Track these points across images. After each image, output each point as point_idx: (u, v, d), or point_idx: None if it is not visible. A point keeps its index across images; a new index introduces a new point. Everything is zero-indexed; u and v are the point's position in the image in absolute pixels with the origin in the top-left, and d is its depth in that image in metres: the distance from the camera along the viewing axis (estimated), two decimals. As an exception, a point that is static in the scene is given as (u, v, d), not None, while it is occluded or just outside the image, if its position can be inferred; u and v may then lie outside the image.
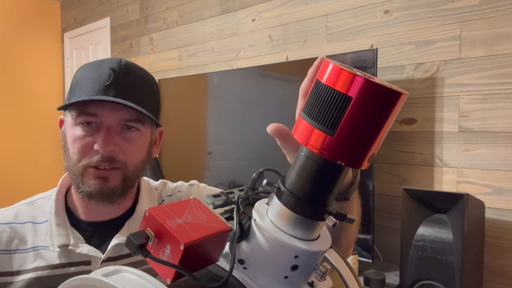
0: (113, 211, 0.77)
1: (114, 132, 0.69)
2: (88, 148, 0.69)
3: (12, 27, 3.61)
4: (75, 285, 0.30)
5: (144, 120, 0.73)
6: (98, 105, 0.68)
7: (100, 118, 0.69)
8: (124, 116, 0.70)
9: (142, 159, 0.74)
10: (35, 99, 3.77)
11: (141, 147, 0.74)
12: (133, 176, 0.73)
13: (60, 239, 0.71)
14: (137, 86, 0.72)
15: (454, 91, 1.54)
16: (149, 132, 0.76)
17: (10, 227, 0.73)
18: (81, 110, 0.69)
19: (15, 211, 0.76)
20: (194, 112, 2.37)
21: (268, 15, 2.16)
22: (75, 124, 0.70)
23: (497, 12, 1.44)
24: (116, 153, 0.69)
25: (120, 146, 0.70)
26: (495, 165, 1.45)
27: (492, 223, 1.46)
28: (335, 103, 0.29)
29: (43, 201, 0.77)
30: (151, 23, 2.91)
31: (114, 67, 0.70)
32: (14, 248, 0.71)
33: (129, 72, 0.71)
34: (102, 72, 0.69)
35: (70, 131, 0.71)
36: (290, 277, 0.34)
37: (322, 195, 0.33)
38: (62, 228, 0.72)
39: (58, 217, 0.73)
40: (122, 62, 0.71)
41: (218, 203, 0.37)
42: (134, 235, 0.30)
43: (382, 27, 1.72)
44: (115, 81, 0.68)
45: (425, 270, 1.26)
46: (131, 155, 0.71)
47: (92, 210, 0.75)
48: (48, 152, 3.86)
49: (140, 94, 0.71)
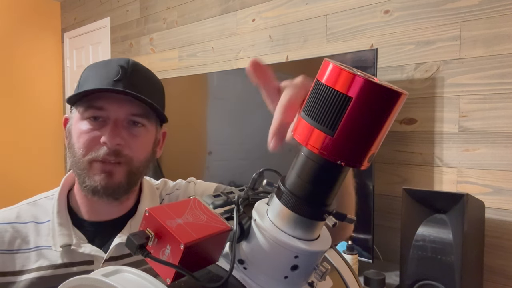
0: (116, 211, 0.77)
1: (120, 126, 0.70)
2: (94, 141, 0.69)
3: (12, 27, 3.61)
4: (75, 285, 0.30)
5: (150, 116, 0.73)
6: (106, 99, 0.69)
7: (107, 112, 0.69)
8: (131, 110, 0.70)
9: (146, 156, 0.75)
10: (35, 99, 3.77)
11: (146, 143, 0.74)
12: (137, 172, 0.73)
13: (63, 239, 0.71)
14: (145, 83, 0.73)
15: (454, 91, 1.54)
16: (154, 130, 0.76)
17: (12, 226, 0.73)
18: (89, 104, 0.69)
19: (17, 211, 0.76)
20: (194, 112, 2.37)
21: (268, 15, 2.16)
22: (81, 118, 0.71)
23: (497, 12, 1.44)
24: (122, 146, 0.69)
25: (126, 141, 0.70)
26: (495, 165, 1.45)
27: (492, 223, 1.46)
28: (335, 103, 0.29)
29: (45, 201, 0.77)
30: (151, 23, 2.91)
31: (123, 64, 0.71)
32: (16, 248, 0.72)
33: (137, 70, 0.72)
34: (111, 69, 0.70)
35: (76, 126, 0.71)
36: (290, 277, 0.34)
37: (322, 195, 0.33)
38: (65, 227, 0.72)
39: (61, 216, 0.73)
40: (130, 61, 0.73)
41: (218, 203, 0.37)
42: (134, 235, 0.30)
43: (382, 27, 1.72)
44: (123, 77, 0.69)
45: (425, 270, 1.26)
46: (136, 151, 0.72)
47: (94, 209, 0.75)
48: (48, 152, 3.86)
49: (147, 91, 0.72)
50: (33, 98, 3.75)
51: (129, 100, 0.70)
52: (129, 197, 0.77)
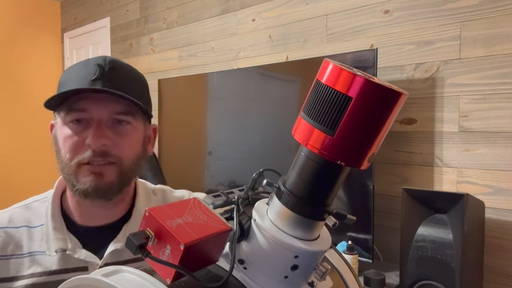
0: (110, 215, 0.75)
1: (104, 126, 0.68)
2: (79, 145, 0.67)
3: (12, 27, 3.61)
4: (75, 285, 0.30)
5: (135, 113, 0.71)
6: (86, 100, 0.67)
7: (89, 113, 0.67)
8: (113, 109, 0.68)
9: (137, 154, 0.72)
10: (35, 99, 3.77)
11: (134, 141, 0.72)
12: (129, 171, 0.71)
13: (57, 244, 0.69)
14: (124, 79, 0.70)
15: (454, 91, 1.54)
16: (141, 126, 0.74)
17: (4, 231, 0.71)
18: (70, 107, 0.67)
19: (9, 215, 0.74)
20: (194, 112, 2.37)
21: (268, 15, 2.16)
22: (64, 123, 0.68)
23: (497, 12, 1.44)
24: (109, 147, 0.67)
25: (113, 140, 0.68)
26: (495, 165, 1.45)
27: (492, 223, 1.46)
28: (335, 103, 0.29)
29: (38, 204, 0.75)
30: (151, 23, 2.91)
31: (100, 62, 0.68)
32: (9, 254, 0.70)
33: (115, 67, 0.70)
34: (88, 69, 0.68)
35: (60, 132, 0.69)
36: (290, 277, 0.34)
37: (322, 195, 0.33)
38: (59, 232, 0.71)
39: (55, 220, 0.72)
40: (107, 58, 0.70)
41: (218, 203, 0.37)
42: (134, 235, 0.30)
43: (382, 27, 1.72)
44: (101, 75, 0.67)
45: (425, 270, 1.26)
46: (125, 150, 0.70)
47: (88, 213, 0.73)
48: (48, 152, 3.85)
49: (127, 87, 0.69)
50: (32, 98, 3.75)
51: (111, 99, 0.67)
52: (123, 199, 0.75)
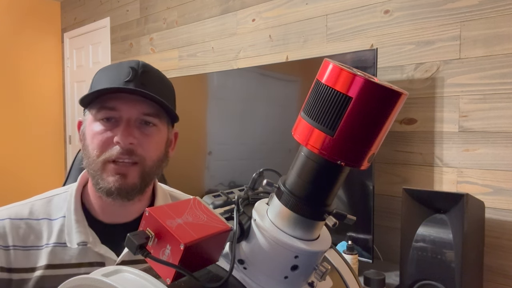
0: (128, 214, 0.77)
1: (133, 126, 0.71)
2: (108, 142, 0.70)
3: (12, 27, 3.61)
4: (75, 285, 0.30)
5: (161, 116, 0.74)
6: (118, 100, 0.70)
7: (119, 112, 0.70)
8: (142, 109, 0.71)
9: (159, 156, 0.75)
10: (35, 99, 3.77)
11: (158, 143, 0.75)
12: (150, 172, 0.74)
13: (80, 236, 0.71)
14: (155, 83, 0.74)
15: (454, 91, 1.54)
16: (165, 129, 0.77)
17: (25, 223, 0.73)
18: (101, 105, 0.70)
19: (30, 207, 0.76)
20: (194, 112, 2.37)
21: (268, 15, 2.16)
22: (95, 120, 0.72)
23: (497, 12, 1.44)
24: (135, 146, 0.70)
25: (139, 140, 0.71)
26: (495, 165, 1.45)
27: (492, 223, 1.45)
28: (335, 103, 0.29)
29: (57, 198, 0.78)
30: (151, 23, 2.91)
31: (133, 65, 0.72)
32: (30, 245, 0.72)
33: (147, 71, 0.73)
34: (122, 71, 0.71)
35: (89, 128, 0.72)
36: (290, 277, 0.34)
37: (322, 195, 0.33)
38: (81, 225, 0.73)
39: (77, 213, 0.74)
40: (140, 62, 0.74)
41: (218, 203, 0.37)
42: (134, 235, 0.30)
43: (382, 27, 1.72)
44: (134, 78, 0.70)
45: (425, 270, 1.26)
46: (149, 150, 0.72)
47: (108, 210, 0.76)
48: (48, 152, 3.86)
49: (158, 91, 0.72)
50: (33, 97, 3.75)
51: (140, 100, 0.71)
52: (142, 198, 0.77)
